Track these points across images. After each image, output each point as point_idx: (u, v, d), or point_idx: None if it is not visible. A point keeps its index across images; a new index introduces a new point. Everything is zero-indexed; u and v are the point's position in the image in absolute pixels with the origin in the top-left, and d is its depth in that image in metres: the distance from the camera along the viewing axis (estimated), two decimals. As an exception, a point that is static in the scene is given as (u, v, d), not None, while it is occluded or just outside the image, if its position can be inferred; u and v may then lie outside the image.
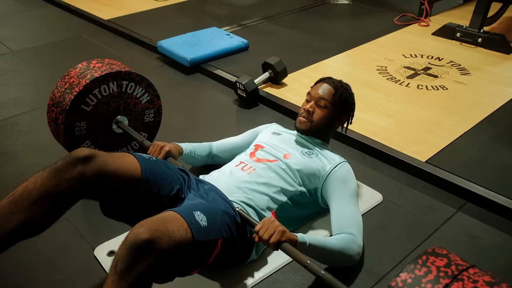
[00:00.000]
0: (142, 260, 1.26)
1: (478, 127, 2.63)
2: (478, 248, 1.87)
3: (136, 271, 1.25)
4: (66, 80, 2.17)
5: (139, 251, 1.25)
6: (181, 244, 1.36)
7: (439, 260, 1.07)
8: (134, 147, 2.42)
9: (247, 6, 5.01)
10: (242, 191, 1.80)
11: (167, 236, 1.32)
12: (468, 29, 3.71)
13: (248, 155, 1.99)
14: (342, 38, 4.02)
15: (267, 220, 1.57)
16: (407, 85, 3.11)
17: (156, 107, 2.42)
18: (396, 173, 2.33)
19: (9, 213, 1.43)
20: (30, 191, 1.46)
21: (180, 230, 1.37)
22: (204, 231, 1.45)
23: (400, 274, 1.05)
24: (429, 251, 1.10)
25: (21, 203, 1.45)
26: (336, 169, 1.89)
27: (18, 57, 3.83)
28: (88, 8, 4.80)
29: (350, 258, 1.68)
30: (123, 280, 1.24)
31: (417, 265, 1.06)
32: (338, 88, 2.00)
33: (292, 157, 1.92)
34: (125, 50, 3.94)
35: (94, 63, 2.22)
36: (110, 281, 1.25)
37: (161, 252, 1.29)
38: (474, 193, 2.11)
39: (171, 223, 1.37)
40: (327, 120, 1.99)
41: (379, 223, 2.00)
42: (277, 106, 2.94)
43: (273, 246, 1.53)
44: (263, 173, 1.86)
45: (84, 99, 2.12)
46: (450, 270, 1.05)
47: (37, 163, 2.45)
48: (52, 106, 2.16)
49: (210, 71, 3.41)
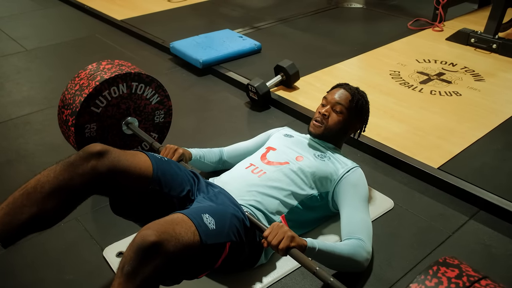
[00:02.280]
0: (149, 262, 1.25)
1: (491, 134, 2.60)
2: (491, 257, 1.85)
3: (143, 274, 1.24)
4: (76, 82, 2.18)
5: (146, 253, 1.25)
6: (189, 247, 1.35)
7: (450, 271, 1.05)
8: (145, 147, 2.42)
9: (260, 8, 5.01)
10: (252, 195, 1.78)
11: (175, 238, 1.31)
12: (483, 34, 3.67)
13: (259, 157, 1.97)
14: (356, 42, 4.00)
15: (276, 225, 1.56)
16: (420, 91, 3.09)
17: (167, 108, 2.42)
18: (408, 179, 2.31)
19: (21, 205, 1.44)
20: (43, 184, 1.47)
21: (188, 233, 1.37)
22: (212, 234, 1.45)
23: (410, 285, 1.04)
24: (440, 261, 1.08)
25: (33, 196, 1.45)
26: (348, 174, 1.87)
27: (32, 56, 3.86)
28: (102, 8, 4.83)
29: (359, 264, 1.67)
30: (129, 282, 1.24)
31: (428, 275, 1.04)
32: (355, 94, 1.99)
33: (304, 159, 1.91)
34: (137, 50, 3.95)
35: (104, 64, 2.23)
36: (117, 283, 1.25)
37: (168, 254, 1.29)
38: (487, 201, 2.09)
39: (179, 226, 1.36)
40: (342, 125, 1.98)
41: (390, 229, 1.98)
42: (289, 110, 2.93)
43: (281, 252, 1.52)
44: (273, 177, 1.84)
45: (94, 101, 2.13)
46: (462, 281, 1.03)
47: (49, 161, 2.43)
48: (63, 108, 2.17)
49: (222, 73, 3.41)
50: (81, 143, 2.16)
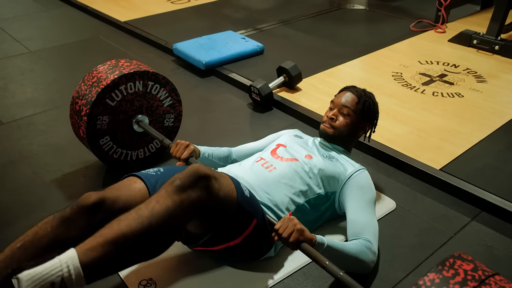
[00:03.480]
0: (197, 188, 1.42)
1: (493, 135, 2.61)
2: (493, 258, 1.85)
3: (188, 195, 1.40)
4: (94, 75, 2.23)
5: (198, 179, 1.42)
6: (226, 199, 1.51)
7: (466, 264, 1.08)
8: (152, 149, 2.43)
9: (263, 10, 5.02)
10: (262, 190, 1.79)
11: (220, 184, 1.50)
12: (485, 36, 3.68)
13: (269, 152, 1.99)
14: (358, 43, 4.01)
15: (287, 218, 1.57)
16: (422, 92, 3.09)
17: (177, 113, 2.45)
18: (410, 180, 2.31)
19: (18, 259, 1.44)
20: (40, 238, 1.48)
21: (229, 186, 1.54)
22: (246, 201, 1.59)
23: (428, 274, 1.06)
24: (455, 255, 1.12)
25: (31, 250, 1.46)
26: (356, 175, 1.89)
27: (36, 57, 3.88)
28: (105, 10, 4.85)
29: (365, 265, 1.67)
30: (175, 195, 1.39)
31: (445, 266, 1.08)
32: (361, 96, 2.01)
33: (313, 158, 1.92)
34: (141, 52, 3.97)
35: (122, 62, 2.29)
36: (164, 191, 1.40)
37: (213, 193, 1.45)
38: (489, 202, 2.09)
39: (223, 178, 1.54)
40: (350, 127, 2.00)
41: (392, 230, 1.99)
42: (291, 111, 2.94)
43: (292, 245, 1.53)
44: (283, 173, 1.84)
45: (110, 93, 2.17)
46: (477, 274, 1.06)
47: (52, 163, 2.48)
48: (77, 98, 2.22)
49: (225, 75, 3.42)
50: (92, 134, 2.20)
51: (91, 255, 1.27)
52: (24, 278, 1.20)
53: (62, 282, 1.21)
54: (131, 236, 1.32)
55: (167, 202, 1.38)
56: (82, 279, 1.25)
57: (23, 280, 1.19)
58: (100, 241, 1.29)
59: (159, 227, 1.36)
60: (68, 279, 1.23)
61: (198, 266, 1.79)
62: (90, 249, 1.28)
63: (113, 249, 1.29)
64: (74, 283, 1.23)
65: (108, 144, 2.27)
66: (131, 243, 1.32)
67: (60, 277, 1.22)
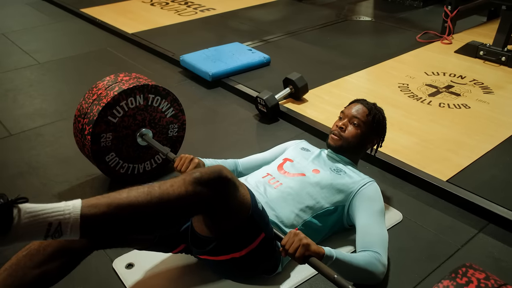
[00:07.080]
0: (213, 186, 1.42)
1: (501, 146, 2.60)
2: (500, 270, 1.84)
3: (203, 189, 1.40)
4: (94, 92, 2.23)
5: (218, 179, 1.44)
6: (240, 206, 1.53)
7: (478, 273, 1.09)
8: (158, 160, 2.44)
9: (269, 21, 5.05)
10: (268, 206, 1.78)
11: (238, 191, 1.52)
12: (492, 47, 3.68)
13: (276, 167, 1.99)
14: (364, 54, 4.02)
15: (292, 233, 1.56)
16: (428, 103, 3.09)
17: (180, 122, 2.45)
18: (417, 192, 2.31)
19: (24, 267, 1.45)
20: (46, 246, 1.49)
21: (245, 196, 1.56)
22: (258, 213, 1.61)
23: (442, 281, 1.07)
24: (467, 265, 1.13)
25: (36, 258, 1.47)
26: (364, 187, 1.88)
27: (45, 69, 3.92)
28: (113, 22, 4.89)
29: (374, 277, 1.66)
30: (190, 185, 1.39)
31: (458, 274, 1.09)
32: (372, 109, 2.03)
33: (321, 172, 1.92)
34: (148, 63, 4.00)
35: (121, 76, 2.28)
36: (181, 178, 1.41)
37: (228, 197, 1.47)
38: (496, 214, 2.08)
39: (242, 186, 1.56)
40: (359, 138, 2.00)
41: (399, 242, 1.98)
42: (297, 122, 2.95)
43: (299, 260, 1.52)
44: (289, 189, 1.84)
45: (111, 110, 2.17)
46: (490, 283, 1.06)
47: (61, 173, 2.49)
48: (79, 117, 2.21)
49: (232, 86, 3.44)
50: (97, 152, 2.20)
51: (93, 211, 1.27)
52: (25, 209, 1.19)
53: (58, 226, 1.21)
54: (135, 208, 1.33)
55: (181, 189, 1.38)
56: (77, 230, 1.24)
57: (23, 211, 1.19)
58: (106, 202, 1.30)
59: (164, 210, 1.38)
60: (65, 225, 1.23)
61: (202, 277, 1.79)
62: (94, 205, 1.28)
63: (115, 212, 1.30)
64: (69, 231, 1.23)
65: (114, 160, 2.28)
66: (133, 214, 1.34)
67: (58, 220, 1.22)
